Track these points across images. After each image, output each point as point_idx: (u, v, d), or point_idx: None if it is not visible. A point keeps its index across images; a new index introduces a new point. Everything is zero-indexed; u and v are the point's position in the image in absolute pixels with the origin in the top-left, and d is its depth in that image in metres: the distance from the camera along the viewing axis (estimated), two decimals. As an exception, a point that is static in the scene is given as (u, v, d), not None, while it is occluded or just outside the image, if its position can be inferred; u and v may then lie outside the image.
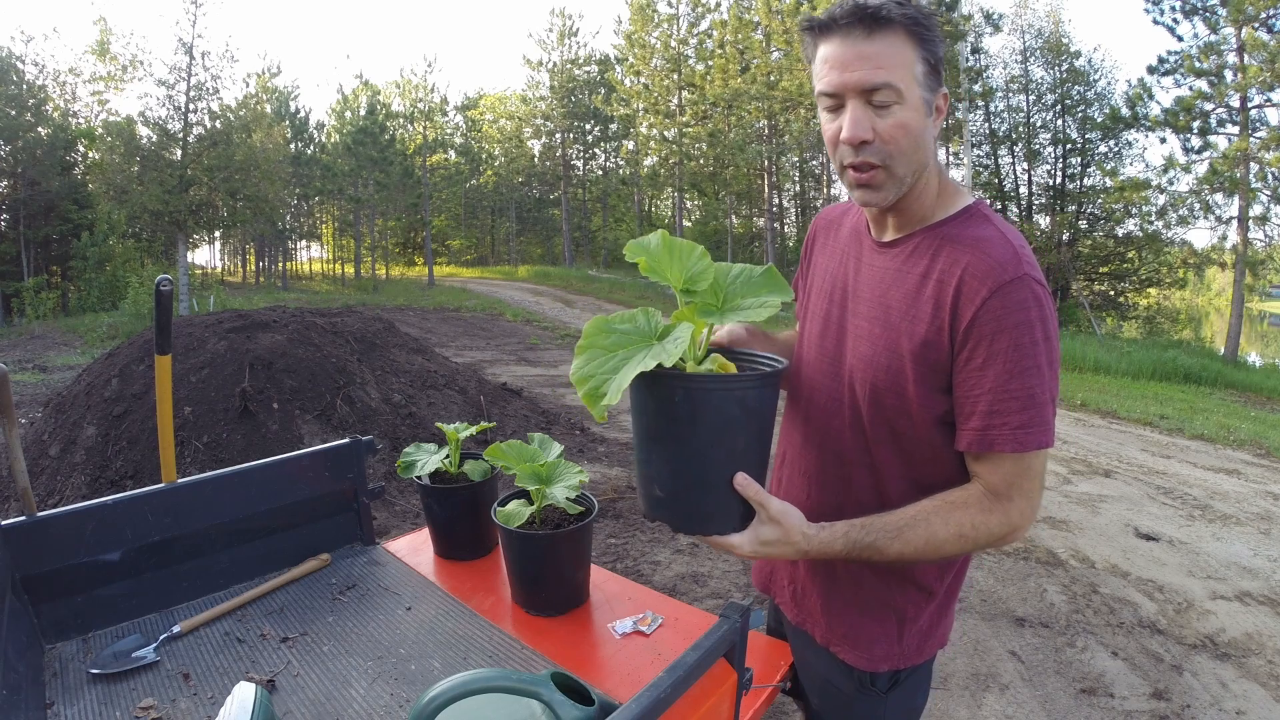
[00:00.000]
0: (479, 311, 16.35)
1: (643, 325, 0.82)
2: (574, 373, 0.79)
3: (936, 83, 0.93)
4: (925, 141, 0.93)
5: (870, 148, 0.92)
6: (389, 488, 4.11)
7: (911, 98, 0.90)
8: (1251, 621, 3.15)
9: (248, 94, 19.85)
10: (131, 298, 14.46)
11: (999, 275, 0.88)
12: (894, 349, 0.97)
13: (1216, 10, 12.94)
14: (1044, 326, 0.89)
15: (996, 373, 0.88)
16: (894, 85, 0.89)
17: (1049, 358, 0.89)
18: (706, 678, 0.92)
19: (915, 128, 0.91)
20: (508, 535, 1.21)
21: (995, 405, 0.88)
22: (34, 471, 4.09)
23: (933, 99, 0.94)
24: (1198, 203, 13.95)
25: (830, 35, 0.92)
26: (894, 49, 0.89)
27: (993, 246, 0.91)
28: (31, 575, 1.14)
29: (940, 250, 0.95)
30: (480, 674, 0.82)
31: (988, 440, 0.89)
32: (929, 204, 1.00)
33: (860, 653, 1.07)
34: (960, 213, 0.98)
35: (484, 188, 37.45)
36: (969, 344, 0.90)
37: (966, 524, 0.91)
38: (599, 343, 0.81)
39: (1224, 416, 7.67)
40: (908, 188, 0.95)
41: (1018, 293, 0.88)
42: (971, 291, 0.89)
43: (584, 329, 0.83)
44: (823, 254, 1.16)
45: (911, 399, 0.95)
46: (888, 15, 0.88)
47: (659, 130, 24.40)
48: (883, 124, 0.90)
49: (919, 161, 0.94)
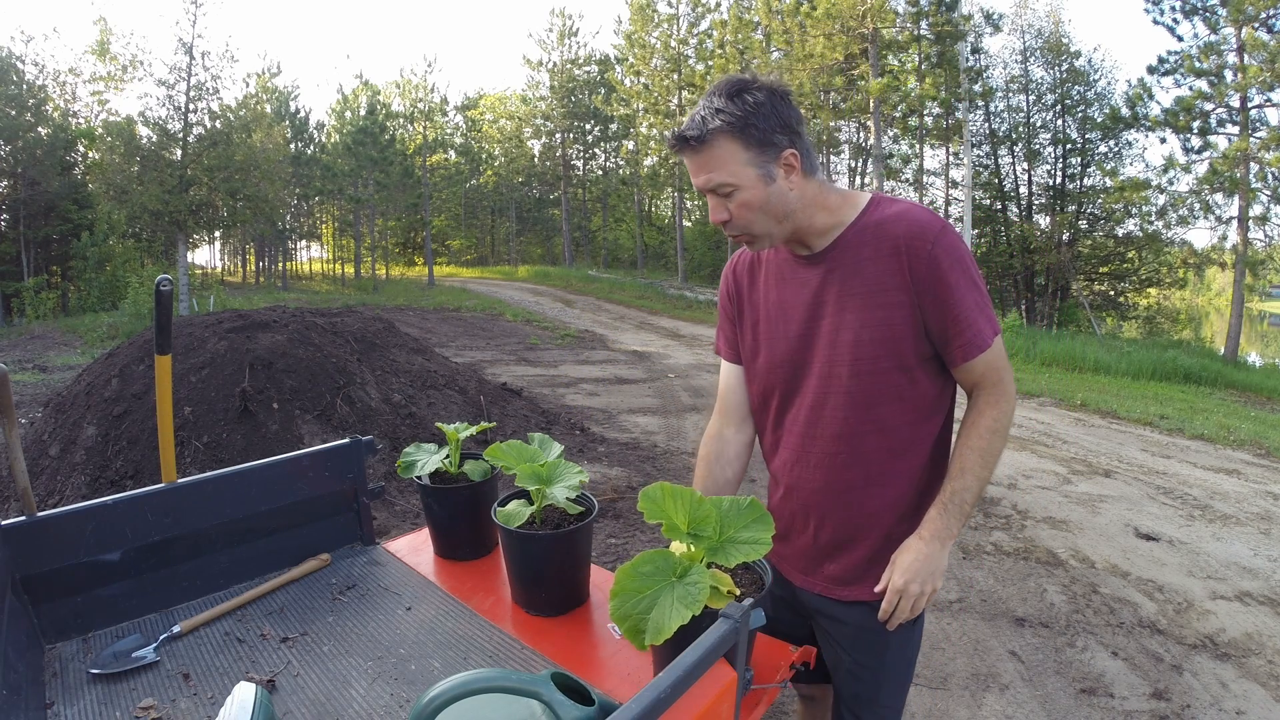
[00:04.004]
0: (479, 311, 16.35)
1: (663, 566, 0.97)
2: (613, 613, 0.95)
3: (773, 152, 1.14)
4: (774, 203, 1.16)
5: (731, 224, 1.18)
6: (389, 488, 4.11)
7: (745, 180, 1.14)
8: (1251, 621, 3.15)
9: (248, 94, 19.85)
10: (131, 298, 14.45)
11: (931, 231, 1.14)
12: (872, 321, 1.18)
13: (1216, 10, 12.94)
14: (968, 251, 1.18)
15: (958, 297, 1.14)
16: (725, 182, 1.14)
17: (977, 272, 1.18)
18: (706, 678, 0.92)
19: (757, 201, 1.15)
20: (508, 535, 1.21)
21: (967, 319, 1.15)
22: (34, 471, 4.09)
23: (773, 167, 1.14)
24: (1198, 203, 13.95)
25: (679, 153, 1.19)
26: (717, 152, 1.13)
27: (915, 214, 1.17)
28: (31, 575, 1.13)
29: (872, 236, 1.18)
30: (480, 674, 0.82)
31: (976, 345, 1.16)
32: (830, 215, 1.21)
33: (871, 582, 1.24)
34: (868, 207, 1.21)
35: (484, 188, 37.45)
36: (932, 287, 1.14)
37: (991, 423, 1.19)
38: (629, 586, 0.95)
39: (1224, 416, 7.67)
40: (781, 234, 1.20)
41: (947, 237, 1.15)
42: (917, 250, 1.14)
43: (615, 576, 0.98)
44: (754, 289, 1.35)
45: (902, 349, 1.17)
46: (699, 135, 1.13)
47: (659, 130, 24.39)
48: (732, 206, 1.16)
49: (776, 216, 1.17)
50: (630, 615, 0.93)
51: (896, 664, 1.29)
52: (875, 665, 1.28)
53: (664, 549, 1.01)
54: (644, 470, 4.88)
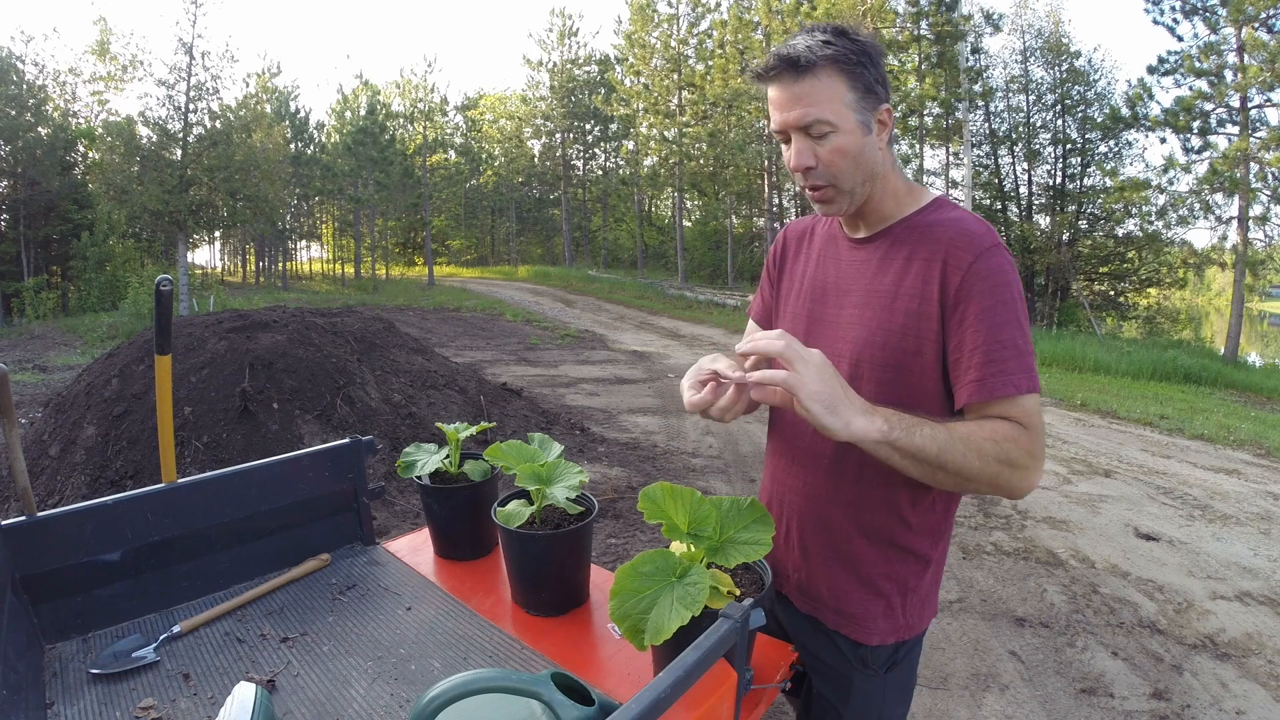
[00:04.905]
0: (479, 311, 16.35)
1: (663, 566, 0.97)
2: (612, 613, 0.93)
3: (874, 101, 1.03)
4: (867, 157, 1.04)
5: (815, 172, 1.05)
6: (389, 488, 4.11)
7: (845, 124, 1.02)
8: (1251, 621, 3.15)
9: (247, 94, 19.85)
10: (131, 298, 14.45)
11: (979, 244, 1.00)
12: (888, 326, 1.06)
13: (1216, 10, 12.93)
14: (1018, 287, 1.01)
15: (987, 326, 0.97)
16: (824, 119, 1.01)
17: (1024, 314, 1.01)
18: (707, 678, 0.92)
19: (852, 149, 1.03)
20: (508, 535, 1.21)
21: (990, 356, 0.97)
22: (34, 471, 4.09)
23: (871, 117, 1.04)
24: (1198, 203, 13.95)
25: (768, 82, 1.05)
26: (822, 85, 1.00)
27: (968, 223, 1.04)
28: (31, 575, 1.13)
29: (919, 236, 1.07)
30: (480, 674, 0.82)
31: (988, 388, 0.97)
32: (895, 201, 1.11)
33: (868, 628, 1.13)
34: (929, 205, 1.10)
35: (484, 188, 37.44)
36: (960, 305, 1.00)
37: (1000, 433, 0.96)
38: (629, 586, 0.94)
39: (1224, 416, 7.67)
40: (861, 196, 1.08)
41: (996, 257, 1.00)
42: (957, 260, 1.00)
43: (615, 576, 0.97)
44: (797, 261, 1.26)
45: (910, 369, 1.04)
46: (810, 59, 0.99)
47: (659, 130, 24.38)
48: (822, 151, 1.03)
49: (864, 174, 1.05)
50: (630, 615, 0.93)
51: None
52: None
53: (664, 549, 1.01)
54: (644, 470, 4.88)
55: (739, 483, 4.77)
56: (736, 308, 16.62)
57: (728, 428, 6.00)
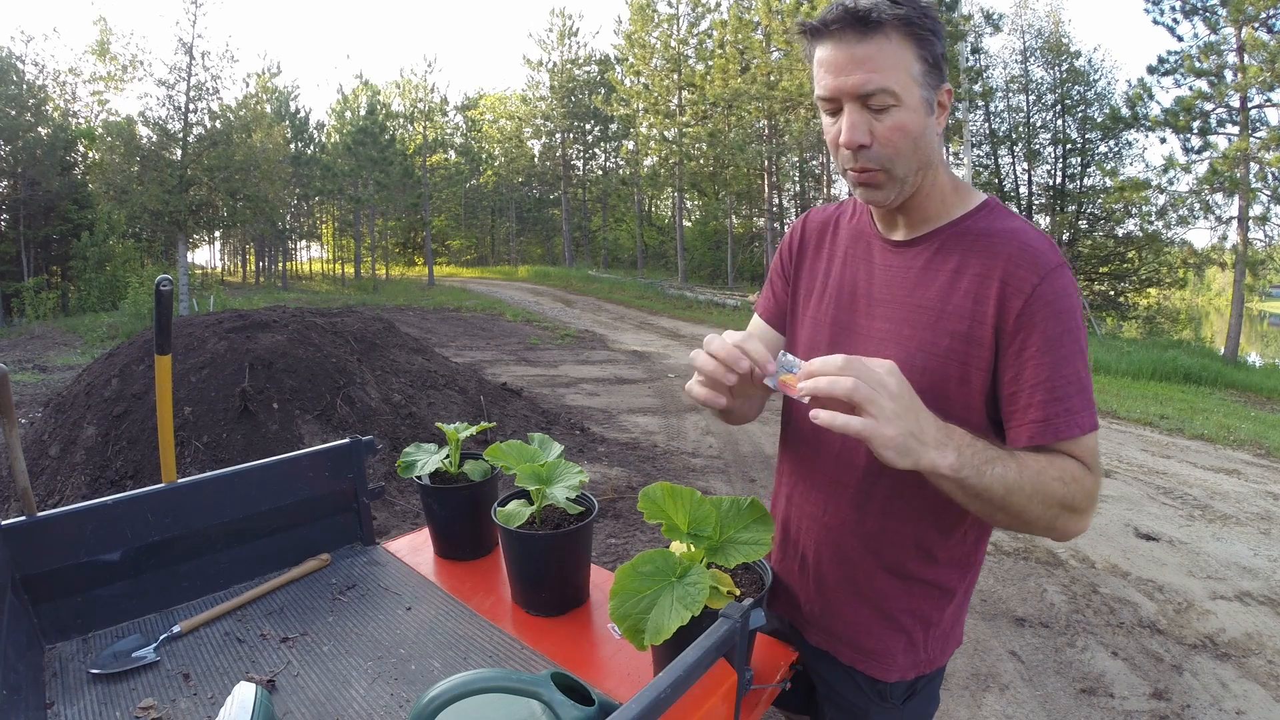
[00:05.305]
0: (479, 311, 16.35)
1: (663, 566, 0.96)
2: (612, 613, 0.91)
3: (938, 79, 0.91)
4: (926, 141, 0.91)
5: (868, 152, 0.90)
6: (389, 488, 4.11)
7: (910, 99, 0.88)
8: (1251, 621, 3.15)
9: (247, 94, 19.87)
10: (131, 298, 14.45)
11: (1044, 263, 0.88)
12: (930, 349, 0.94)
13: (1216, 10, 12.94)
14: (1081, 313, 0.91)
15: (1051, 360, 0.86)
16: (889, 89, 0.86)
17: (1086, 342, 0.90)
18: (706, 678, 0.92)
19: (914, 129, 0.89)
20: (508, 535, 1.21)
21: (1054, 393, 0.86)
22: (34, 471, 4.09)
23: (934, 96, 0.91)
24: (1198, 203, 13.95)
25: (824, 38, 0.89)
26: (888, 50, 0.86)
27: (1029, 237, 0.91)
28: (31, 575, 1.13)
29: (970, 245, 0.93)
30: (480, 674, 0.82)
31: (1053, 429, 0.86)
32: (941, 201, 0.98)
33: (886, 665, 1.06)
34: (980, 208, 0.97)
35: (484, 188, 37.46)
36: (1020, 333, 0.87)
37: (1069, 473, 0.85)
38: (629, 586, 0.94)
39: (1224, 416, 7.67)
40: (912, 186, 0.94)
41: (1061, 280, 0.88)
42: (1019, 281, 0.88)
43: (615, 576, 0.96)
44: (819, 258, 1.12)
45: (953, 399, 0.92)
46: (879, 17, 0.85)
47: (659, 130, 24.39)
48: (880, 127, 0.89)
49: (921, 161, 0.92)
50: (630, 615, 0.93)
51: None
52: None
53: (664, 549, 1.01)
54: (644, 470, 4.88)
55: (739, 483, 4.77)
56: (737, 308, 16.62)
57: (728, 427, 6.00)
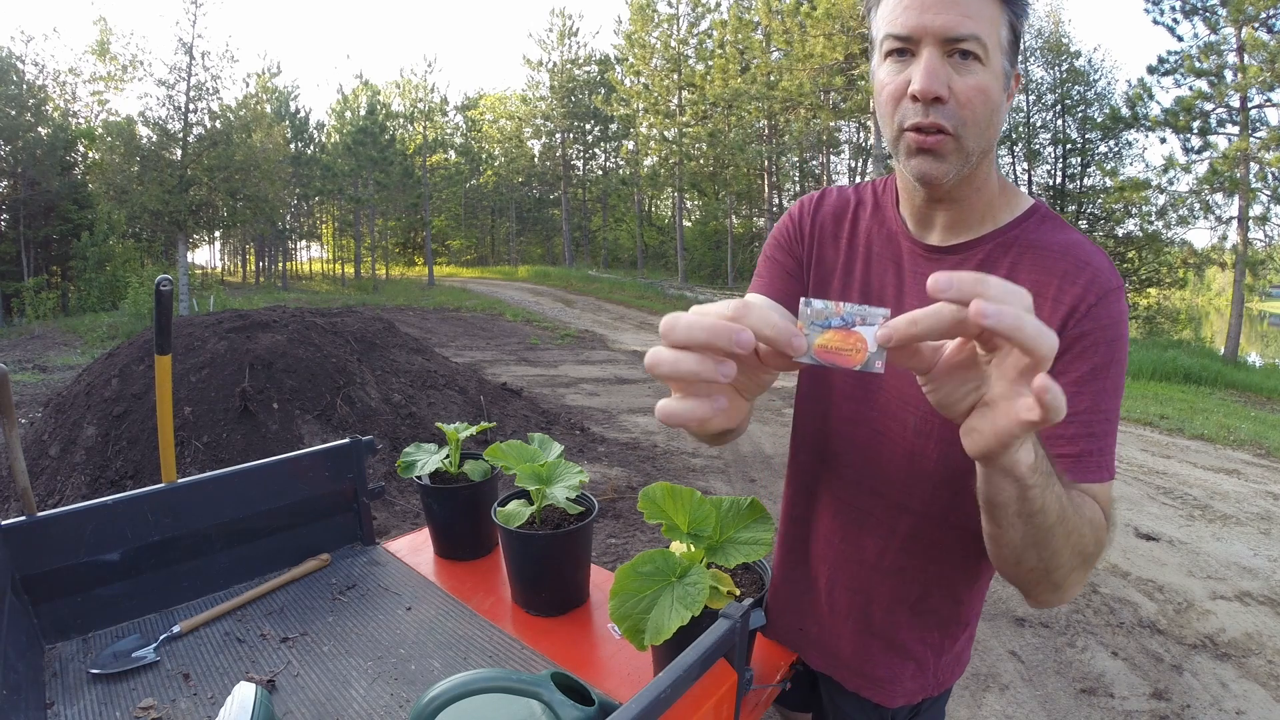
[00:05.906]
0: (479, 311, 16.35)
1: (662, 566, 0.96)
2: (612, 613, 0.91)
3: (1014, 58, 0.81)
4: (1000, 118, 0.80)
5: (943, 108, 0.76)
6: (389, 488, 4.11)
7: (994, 62, 0.76)
8: (1251, 621, 3.15)
9: (247, 94, 19.87)
10: (131, 298, 14.46)
11: (1103, 284, 0.79)
12: None
13: (1216, 10, 12.94)
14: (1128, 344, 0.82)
15: (1095, 391, 0.78)
16: (981, 39, 0.74)
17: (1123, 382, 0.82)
18: (706, 678, 0.92)
19: (994, 97, 0.77)
20: (508, 535, 1.21)
21: (1091, 429, 0.78)
22: (34, 471, 4.09)
23: (1011, 73, 0.80)
24: (1198, 203, 13.96)
25: None
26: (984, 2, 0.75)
27: (1087, 252, 0.81)
28: (31, 575, 1.13)
29: (1019, 257, 0.83)
30: (480, 674, 0.82)
31: (1083, 469, 0.77)
32: (988, 200, 0.86)
33: (891, 691, 1.03)
34: (1029, 214, 0.86)
35: (484, 188, 37.47)
36: (1067, 354, 0.78)
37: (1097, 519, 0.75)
38: (629, 586, 0.93)
39: (1224, 416, 7.67)
40: (970, 169, 0.81)
41: (1119, 305, 0.80)
42: (1076, 300, 0.79)
43: (615, 576, 0.95)
44: (836, 250, 0.99)
45: None
46: None
47: (659, 130, 24.40)
48: (961, 83, 0.75)
49: (989, 139, 0.80)
50: (630, 615, 0.92)
51: None
52: None
53: (664, 549, 1.01)
54: (644, 470, 4.88)
55: (739, 483, 4.77)
56: (736, 308, 16.58)
57: (728, 428, 5.99)
